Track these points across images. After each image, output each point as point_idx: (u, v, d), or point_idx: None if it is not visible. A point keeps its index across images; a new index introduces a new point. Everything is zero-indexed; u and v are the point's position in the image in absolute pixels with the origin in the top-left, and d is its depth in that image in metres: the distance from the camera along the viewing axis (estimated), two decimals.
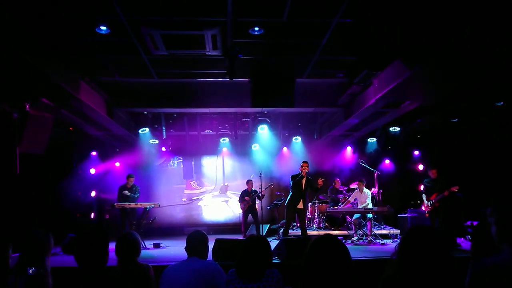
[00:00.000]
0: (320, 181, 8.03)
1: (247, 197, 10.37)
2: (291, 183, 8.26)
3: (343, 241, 8.61)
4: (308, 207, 10.68)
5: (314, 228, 10.48)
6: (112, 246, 2.72)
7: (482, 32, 4.99)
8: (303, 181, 8.11)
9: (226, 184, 13.29)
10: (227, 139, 12.27)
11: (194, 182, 13.31)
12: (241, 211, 10.59)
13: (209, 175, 13.37)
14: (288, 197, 8.26)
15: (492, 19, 4.67)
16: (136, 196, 9.42)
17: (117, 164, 12.45)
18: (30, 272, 2.99)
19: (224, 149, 12.84)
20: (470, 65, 6.07)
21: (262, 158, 13.15)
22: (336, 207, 10.09)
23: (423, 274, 1.85)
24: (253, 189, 10.61)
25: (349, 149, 12.77)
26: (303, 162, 8.25)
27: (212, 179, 13.33)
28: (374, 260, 6.24)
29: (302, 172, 8.09)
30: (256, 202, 10.47)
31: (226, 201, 13.26)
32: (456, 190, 8.22)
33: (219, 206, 13.21)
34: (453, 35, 5.16)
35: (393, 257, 2.02)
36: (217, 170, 13.30)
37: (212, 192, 13.29)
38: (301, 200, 8.12)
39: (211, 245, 3.78)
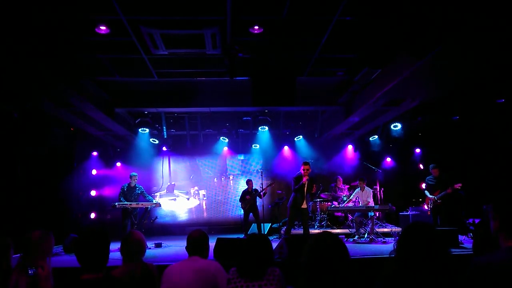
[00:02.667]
0: (314, 188, 8.10)
1: (248, 196, 10.38)
2: (293, 186, 8.20)
3: (345, 239, 8.62)
4: (310, 205, 10.68)
5: (315, 226, 10.48)
6: (113, 246, 2.71)
7: (481, 29, 4.98)
8: (306, 182, 8.08)
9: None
10: (227, 139, 12.27)
11: None
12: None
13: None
14: (291, 199, 8.19)
15: (490, 17, 4.66)
16: (148, 197, 9.40)
17: (118, 164, 12.48)
18: (31, 272, 2.99)
19: (225, 148, 12.86)
20: (469, 62, 6.06)
21: (263, 157, 13.18)
22: (337, 206, 10.08)
23: (422, 271, 1.84)
24: (254, 188, 10.61)
25: (350, 147, 12.77)
26: (304, 163, 8.15)
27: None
28: (375, 259, 6.23)
29: (303, 174, 8.01)
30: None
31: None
32: (459, 187, 8.21)
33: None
34: (452, 33, 5.16)
35: (392, 255, 2.01)
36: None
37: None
38: (304, 201, 8.11)
39: (212, 244, 3.77)
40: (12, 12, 5.01)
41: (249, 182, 10.68)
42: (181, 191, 13.34)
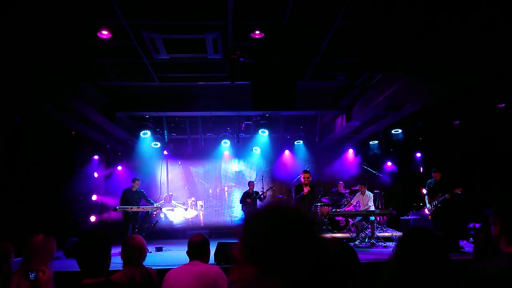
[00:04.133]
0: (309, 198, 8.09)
1: (249, 199, 10.37)
2: (293, 195, 8.21)
3: None
4: (311, 210, 10.66)
5: None
6: (114, 250, 2.72)
7: (482, 32, 5.00)
8: (306, 191, 8.07)
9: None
10: (228, 142, 12.27)
11: None
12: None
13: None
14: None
15: (492, 20, 4.68)
16: (150, 200, 9.44)
17: (119, 167, 12.48)
18: (32, 277, 2.99)
19: (226, 152, 12.87)
20: (471, 66, 6.07)
21: (263, 161, 13.19)
22: (338, 210, 10.06)
23: (420, 276, 1.84)
24: (255, 190, 10.60)
25: (350, 151, 12.76)
26: (304, 172, 8.10)
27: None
28: (376, 263, 6.22)
29: (304, 183, 7.99)
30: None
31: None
32: (460, 192, 8.19)
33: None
34: (453, 37, 5.17)
35: (390, 259, 2.00)
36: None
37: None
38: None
39: (212, 248, 3.78)
40: (15, 16, 5.04)
41: (250, 184, 10.66)
42: (178, 202, 13.31)
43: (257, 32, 5.97)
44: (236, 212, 12.99)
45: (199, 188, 13.43)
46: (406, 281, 1.86)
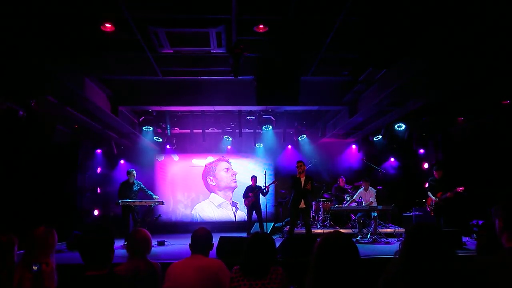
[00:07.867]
0: (308, 186, 8.07)
1: (251, 193, 10.38)
2: (291, 186, 8.32)
3: None
4: (312, 205, 10.67)
5: (318, 226, 10.47)
6: (117, 243, 2.72)
7: (485, 30, 4.96)
8: (302, 181, 8.13)
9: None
10: (231, 138, 12.27)
11: None
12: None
13: None
14: (291, 198, 8.31)
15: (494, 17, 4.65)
16: (148, 192, 9.42)
17: (122, 161, 12.51)
18: (35, 268, 3.01)
19: (228, 147, 12.87)
20: (474, 63, 6.04)
21: (266, 156, 13.19)
22: (340, 205, 10.07)
23: (426, 271, 1.83)
24: (257, 184, 10.61)
25: (353, 147, 12.74)
26: (297, 162, 8.33)
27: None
28: (378, 259, 6.23)
29: (298, 172, 8.15)
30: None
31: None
32: (462, 191, 8.14)
33: None
34: (456, 34, 5.14)
35: (396, 255, 2.00)
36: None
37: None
38: (303, 200, 8.12)
39: (215, 242, 3.79)
40: (16, 10, 5.03)
41: (253, 178, 10.67)
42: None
43: (261, 26, 5.94)
44: (240, 207, 13.03)
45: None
46: (412, 276, 1.85)
